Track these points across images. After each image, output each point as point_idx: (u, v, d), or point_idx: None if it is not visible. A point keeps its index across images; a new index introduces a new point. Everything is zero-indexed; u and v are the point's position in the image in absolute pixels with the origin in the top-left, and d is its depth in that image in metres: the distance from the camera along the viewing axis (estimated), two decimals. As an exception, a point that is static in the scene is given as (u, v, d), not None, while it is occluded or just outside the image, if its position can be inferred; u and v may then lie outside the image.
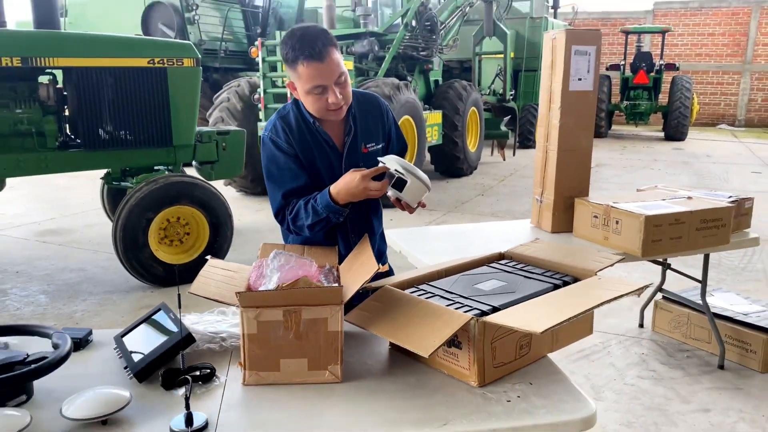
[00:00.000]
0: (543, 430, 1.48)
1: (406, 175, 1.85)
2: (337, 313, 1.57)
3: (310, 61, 1.79)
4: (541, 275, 1.93)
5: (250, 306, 1.54)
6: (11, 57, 4.36)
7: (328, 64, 1.81)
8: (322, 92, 1.85)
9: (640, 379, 3.23)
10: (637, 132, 16.98)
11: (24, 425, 1.35)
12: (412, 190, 1.88)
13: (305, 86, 1.85)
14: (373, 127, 2.08)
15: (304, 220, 1.95)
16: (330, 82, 1.84)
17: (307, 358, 1.58)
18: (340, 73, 1.85)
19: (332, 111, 1.90)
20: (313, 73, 1.81)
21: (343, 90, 1.88)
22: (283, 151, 1.97)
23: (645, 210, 2.84)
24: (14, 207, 7.34)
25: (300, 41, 1.81)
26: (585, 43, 3.04)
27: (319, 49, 1.79)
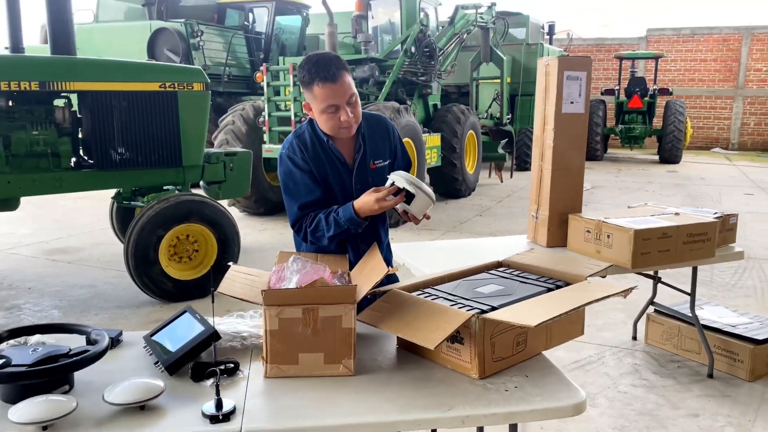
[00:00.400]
0: (537, 415, 1.64)
1: (413, 189, 2.02)
2: (350, 311, 1.73)
3: (325, 82, 1.99)
4: (535, 280, 2.09)
5: (273, 304, 1.70)
6: (30, 81, 4.57)
7: (341, 86, 2.01)
8: (335, 111, 2.04)
9: (632, 387, 3.38)
10: (632, 155, 17.25)
11: (71, 409, 1.50)
12: (419, 202, 2.05)
13: (320, 106, 2.05)
14: (380, 145, 2.26)
15: (324, 231, 2.13)
16: (342, 101, 2.03)
17: (323, 353, 1.74)
18: (351, 94, 2.05)
19: (344, 128, 2.09)
20: (327, 93, 2.01)
21: (354, 109, 2.08)
22: (299, 167, 2.16)
23: (634, 224, 3.01)
24: (23, 227, 7.50)
25: (316, 65, 2.02)
26: (576, 69, 3.25)
27: (333, 72, 2.00)
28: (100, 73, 4.88)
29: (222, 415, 1.52)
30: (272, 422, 1.55)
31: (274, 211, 8.39)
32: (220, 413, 1.52)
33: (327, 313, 1.72)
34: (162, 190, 5.18)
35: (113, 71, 4.95)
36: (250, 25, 11.06)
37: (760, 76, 18.74)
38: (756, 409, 3.12)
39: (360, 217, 2.08)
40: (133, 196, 5.36)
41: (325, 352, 1.74)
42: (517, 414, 1.61)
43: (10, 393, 1.59)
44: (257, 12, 11.14)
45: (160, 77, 5.02)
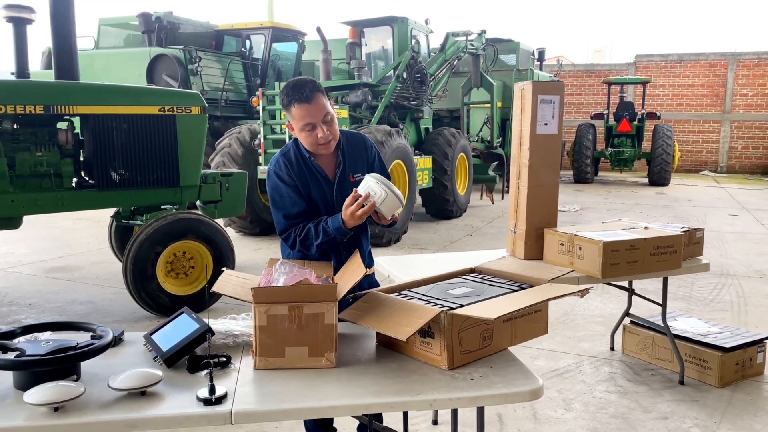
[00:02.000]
0: (497, 400, 1.82)
1: (383, 190, 2.19)
2: (332, 308, 1.92)
3: (301, 103, 2.23)
4: (503, 284, 2.29)
5: (262, 302, 1.89)
6: (35, 105, 4.79)
7: (315, 105, 2.24)
8: (312, 129, 2.27)
9: (607, 393, 3.55)
10: (622, 178, 17.55)
11: (79, 393, 1.68)
12: (388, 203, 2.21)
13: (298, 124, 2.28)
14: (358, 160, 2.47)
15: (313, 240, 2.33)
16: (317, 120, 2.26)
17: (308, 347, 1.93)
18: (326, 113, 2.27)
19: (322, 145, 2.31)
20: (303, 113, 2.24)
21: (330, 127, 2.30)
22: (285, 182, 2.38)
23: (604, 237, 3.21)
24: (22, 247, 7.67)
25: (293, 89, 2.26)
26: (550, 93, 3.47)
27: (307, 94, 2.23)
28: (102, 97, 5.10)
29: (215, 398, 1.70)
30: (259, 405, 1.73)
31: (269, 231, 8.58)
32: (213, 397, 1.70)
33: (311, 310, 1.91)
34: (160, 209, 5.38)
35: (115, 95, 5.18)
36: (247, 51, 11.37)
37: (746, 101, 19.16)
38: (722, 412, 3.29)
39: (347, 227, 2.28)
40: (132, 215, 5.55)
41: (309, 346, 1.93)
42: (479, 398, 1.79)
43: (23, 380, 1.77)
44: (254, 39, 11.45)
45: (160, 101, 5.25)
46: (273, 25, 11.34)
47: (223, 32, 11.45)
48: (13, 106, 4.70)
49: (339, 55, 10.62)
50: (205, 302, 4.87)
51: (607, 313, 5.05)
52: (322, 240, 2.32)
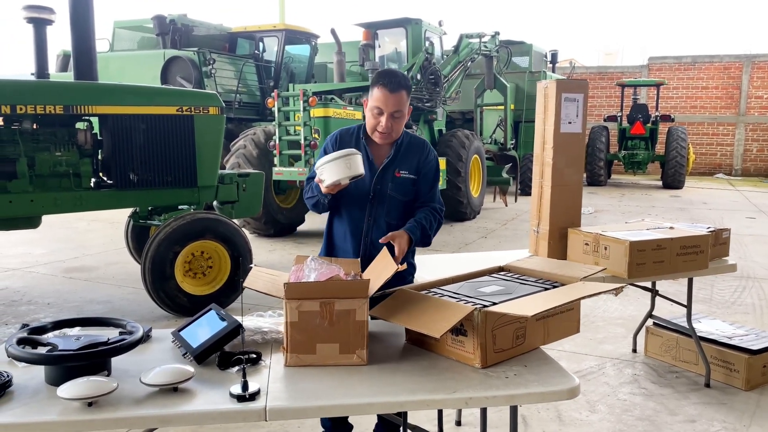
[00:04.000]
0: (534, 398, 1.79)
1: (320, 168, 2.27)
2: (363, 304, 1.90)
3: (384, 87, 2.32)
4: (534, 282, 2.26)
5: (294, 297, 1.87)
6: (54, 105, 4.81)
7: (395, 97, 2.33)
8: (379, 114, 2.35)
9: (632, 395, 3.50)
10: (635, 180, 17.43)
11: (113, 388, 1.67)
12: (329, 173, 2.24)
13: (372, 104, 2.37)
14: (411, 160, 2.50)
15: (306, 194, 2.50)
16: (388, 110, 2.34)
17: (339, 343, 1.90)
18: (399, 109, 2.35)
19: (379, 133, 2.39)
20: (380, 97, 2.34)
21: (396, 123, 2.37)
22: (326, 150, 2.47)
23: (630, 237, 3.18)
24: (39, 247, 7.70)
25: (387, 74, 2.38)
26: (573, 91, 3.44)
27: (395, 84, 2.32)
28: (120, 97, 5.11)
29: (248, 395, 1.68)
30: (293, 401, 1.71)
31: (283, 233, 8.58)
32: (246, 393, 1.68)
33: (342, 306, 1.89)
34: (177, 210, 5.38)
35: (133, 96, 5.19)
36: (261, 54, 11.39)
37: (761, 104, 18.99)
38: (751, 415, 3.23)
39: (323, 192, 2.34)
40: (149, 216, 5.56)
41: (341, 343, 1.91)
42: (516, 396, 1.76)
43: (55, 375, 1.76)
44: (267, 41, 11.47)
45: (178, 101, 5.25)
46: (286, 27, 11.36)
47: (237, 35, 11.48)
48: (33, 106, 4.72)
49: (352, 57, 10.61)
50: (223, 302, 4.86)
51: (627, 315, 4.99)
52: (309, 195, 2.47)
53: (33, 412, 1.62)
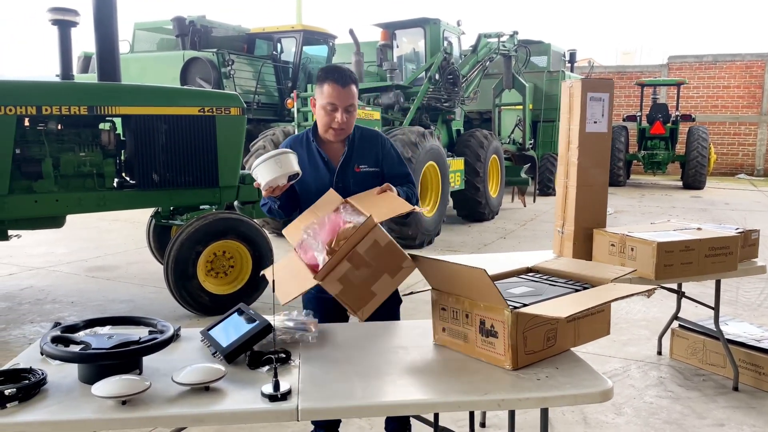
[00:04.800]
0: (567, 400, 1.77)
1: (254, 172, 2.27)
2: (378, 230, 1.98)
3: (335, 83, 2.36)
4: (564, 283, 2.23)
5: (326, 277, 1.90)
6: (79, 106, 4.86)
7: (346, 92, 2.37)
8: (333, 110, 2.37)
9: (658, 398, 3.45)
10: (655, 181, 17.24)
11: (146, 387, 1.68)
12: (260, 174, 2.25)
13: (323, 101, 2.38)
14: (367, 153, 2.54)
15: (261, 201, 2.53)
16: (342, 105, 2.37)
17: (386, 272, 1.98)
18: (351, 103, 2.39)
19: (334, 129, 2.41)
20: (332, 92, 2.36)
21: (349, 117, 2.40)
22: None
23: (657, 237, 3.13)
24: (61, 247, 7.80)
25: (333, 70, 2.42)
26: (599, 90, 3.41)
27: (345, 79, 2.37)
28: (143, 98, 5.16)
29: (280, 394, 1.68)
30: (324, 402, 1.70)
31: (301, 233, 8.59)
32: (278, 393, 1.68)
33: (364, 247, 1.95)
34: (199, 210, 5.41)
35: (156, 96, 5.24)
36: (279, 54, 11.44)
37: (785, 103, 18.69)
38: (781, 419, 3.18)
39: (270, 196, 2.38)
40: (171, 215, 5.60)
41: (387, 271, 1.98)
42: (549, 399, 1.74)
43: (89, 374, 1.77)
44: (285, 42, 11.51)
45: (200, 102, 5.29)
46: (304, 28, 11.39)
47: (255, 35, 11.53)
48: (59, 107, 4.78)
49: (370, 57, 10.60)
50: (245, 301, 4.88)
51: (650, 316, 4.93)
52: (262, 202, 2.51)
53: (68, 409, 1.63)
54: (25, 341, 4.42)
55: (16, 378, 1.71)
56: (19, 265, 6.79)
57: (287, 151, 2.26)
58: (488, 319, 1.91)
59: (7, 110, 4.60)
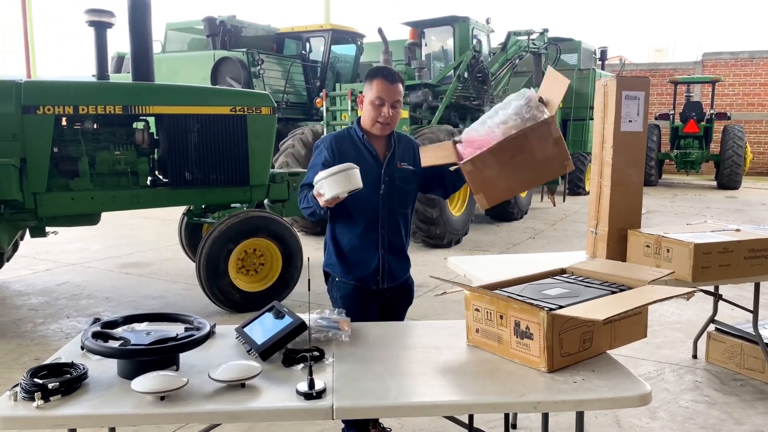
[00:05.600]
0: (605, 404, 1.75)
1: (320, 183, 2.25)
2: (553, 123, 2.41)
3: (384, 79, 2.49)
4: (599, 285, 2.20)
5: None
6: (114, 105, 4.96)
7: (394, 88, 2.51)
8: (381, 104, 2.49)
9: (694, 402, 3.38)
10: (688, 181, 16.90)
11: (183, 383, 1.70)
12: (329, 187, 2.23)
13: (371, 96, 2.50)
14: (407, 153, 2.65)
15: (301, 202, 2.55)
16: (389, 100, 2.49)
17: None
18: (398, 100, 2.52)
19: (381, 124, 2.51)
20: (381, 88, 2.49)
21: (395, 112, 2.52)
22: (323, 157, 2.53)
23: (694, 239, 3.07)
24: (95, 243, 7.97)
25: (383, 68, 2.57)
26: (634, 89, 3.35)
27: (394, 77, 2.52)
28: (176, 97, 5.24)
29: (315, 392, 1.69)
30: (359, 401, 1.71)
31: (329, 232, 8.63)
32: (313, 391, 1.69)
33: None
34: (230, 208, 5.48)
35: (188, 96, 5.31)
36: (307, 54, 11.50)
37: (824, 100, 18.12)
38: (823, 427, 3.09)
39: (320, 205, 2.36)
40: (203, 213, 5.67)
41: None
42: (585, 402, 1.72)
43: (127, 369, 1.80)
44: (314, 42, 11.57)
45: (231, 101, 5.35)
46: (332, 27, 11.44)
47: (284, 35, 11.61)
48: (95, 106, 4.88)
49: (398, 56, 10.59)
50: (274, 299, 4.92)
51: (684, 319, 4.83)
52: (305, 205, 2.52)
53: (108, 404, 1.67)
54: (62, 335, 4.52)
55: (58, 372, 1.75)
56: (56, 261, 6.96)
57: (353, 167, 2.26)
58: (523, 320, 1.89)
59: (46, 110, 4.72)
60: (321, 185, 2.25)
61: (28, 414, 1.60)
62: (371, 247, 2.57)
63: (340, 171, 2.23)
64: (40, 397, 1.62)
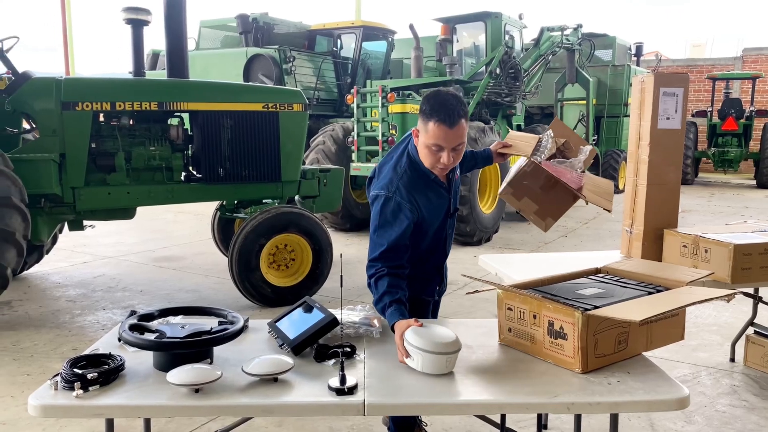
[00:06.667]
0: (640, 407, 1.72)
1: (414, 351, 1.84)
2: None
3: (442, 124, 2.07)
4: (636, 285, 2.16)
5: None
6: (149, 102, 5.05)
7: (455, 132, 2.09)
8: (438, 150, 2.13)
9: (732, 407, 3.30)
10: (726, 179, 16.47)
11: (218, 377, 1.73)
12: (422, 359, 1.83)
13: (428, 141, 2.13)
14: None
15: (375, 293, 2.12)
16: (449, 146, 2.12)
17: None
18: (460, 142, 2.15)
19: (440, 169, 2.20)
20: (439, 134, 2.09)
21: (456, 156, 2.16)
22: (407, 216, 2.17)
23: (734, 239, 2.99)
24: (130, 237, 8.14)
25: (441, 106, 2.09)
26: (672, 85, 3.27)
27: (453, 119, 2.08)
28: (210, 94, 5.30)
29: (347, 388, 1.69)
30: (391, 397, 1.71)
31: (359, 227, 8.66)
32: (345, 387, 1.70)
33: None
34: (262, 203, 5.53)
35: (222, 93, 5.38)
36: (338, 50, 11.53)
37: None
38: None
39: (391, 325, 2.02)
40: (235, 209, 5.75)
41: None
42: (621, 404, 1.69)
43: (163, 361, 1.84)
44: (345, 38, 11.59)
45: (264, 98, 5.40)
46: (364, 24, 11.44)
47: (315, 32, 11.66)
48: (131, 102, 4.98)
49: (429, 52, 10.54)
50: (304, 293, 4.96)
51: (722, 321, 4.72)
52: (377, 304, 2.12)
53: (145, 395, 1.70)
54: (99, 326, 4.63)
55: (96, 363, 1.79)
56: (93, 254, 7.12)
57: (459, 348, 1.84)
58: (557, 320, 1.86)
59: (84, 106, 4.83)
60: (414, 354, 1.82)
61: (68, 403, 1.64)
62: (434, 270, 2.47)
63: (443, 353, 1.80)
64: (80, 387, 1.66)
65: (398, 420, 2.41)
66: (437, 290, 2.55)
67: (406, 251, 2.19)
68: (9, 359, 3.96)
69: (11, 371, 3.77)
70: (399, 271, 2.14)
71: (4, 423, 3.11)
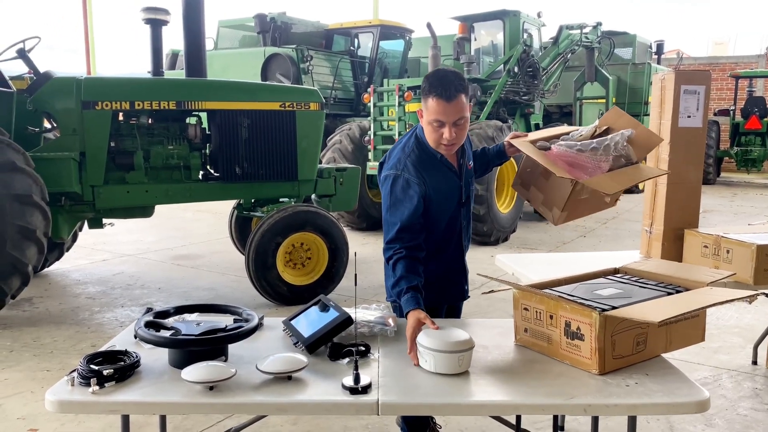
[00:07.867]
0: (659, 409, 1.68)
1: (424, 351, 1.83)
2: None
3: (439, 98, 2.09)
4: (655, 286, 2.12)
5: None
6: (168, 101, 5.09)
7: (453, 105, 2.10)
8: (440, 126, 2.14)
9: (753, 411, 3.24)
10: (749, 179, 16.20)
11: (232, 374, 1.73)
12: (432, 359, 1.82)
13: (429, 117, 2.16)
14: (467, 150, 2.42)
15: (391, 276, 2.15)
16: (449, 120, 2.12)
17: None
18: (461, 116, 2.13)
19: (443, 145, 2.19)
20: (438, 109, 2.11)
21: (459, 131, 2.15)
22: (413, 187, 2.19)
23: (757, 240, 2.93)
24: (149, 235, 8.22)
25: (438, 81, 2.12)
26: (694, 83, 3.22)
27: (450, 92, 2.09)
28: (228, 93, 5.33)
29: (361, 387, 1.69)
30: (405, 397, 1.70)
31: (375, 227, 8.65)
32: (359, 386, 1.69)
33: None
34: (278, 202, 5.55)
35: (239, 92, 5.40)
36: (356, 50, 11.53)
37: None
38: None
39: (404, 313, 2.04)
40: (252, 207, 5.77)
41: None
42: (639, 406, 1.66)
43: (178, 358, 1.85)
44: (362, 37, 11.59)
45: (281, 97, 5.42)
46: (381, 23, 11.43)
47: (333, 31, 11.67)
48: (150, 102, 5.02)
49: (446, 51, 10.49)
50: (321, 292, 4.97)
51: (744, 324, 4.63)
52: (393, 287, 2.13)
53: (160, 392, 1.71)
54: (117, 323, 4.68)
55: (112, 359, 1.81)
56: (112, 251, 7.20)
57: (472, 346, 1.83)
58: (574, 321, 1.84)
59: (104, 105, 4.88)
60: (424, 352, 1.81)
61: (84, 399, 1.65)
62: (459, 269, 2.44)
63: (455, 351, 1.78)
64: (96, 383, 1.67)
65: (410, 420, 2.38)
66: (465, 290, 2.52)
67: (422, 231, 2.20)
68: (29, 355, 4.02)
69: (31, 367, 3.82)
70: (416, 253, 2.15)
71: (24, 418, 3.16)
